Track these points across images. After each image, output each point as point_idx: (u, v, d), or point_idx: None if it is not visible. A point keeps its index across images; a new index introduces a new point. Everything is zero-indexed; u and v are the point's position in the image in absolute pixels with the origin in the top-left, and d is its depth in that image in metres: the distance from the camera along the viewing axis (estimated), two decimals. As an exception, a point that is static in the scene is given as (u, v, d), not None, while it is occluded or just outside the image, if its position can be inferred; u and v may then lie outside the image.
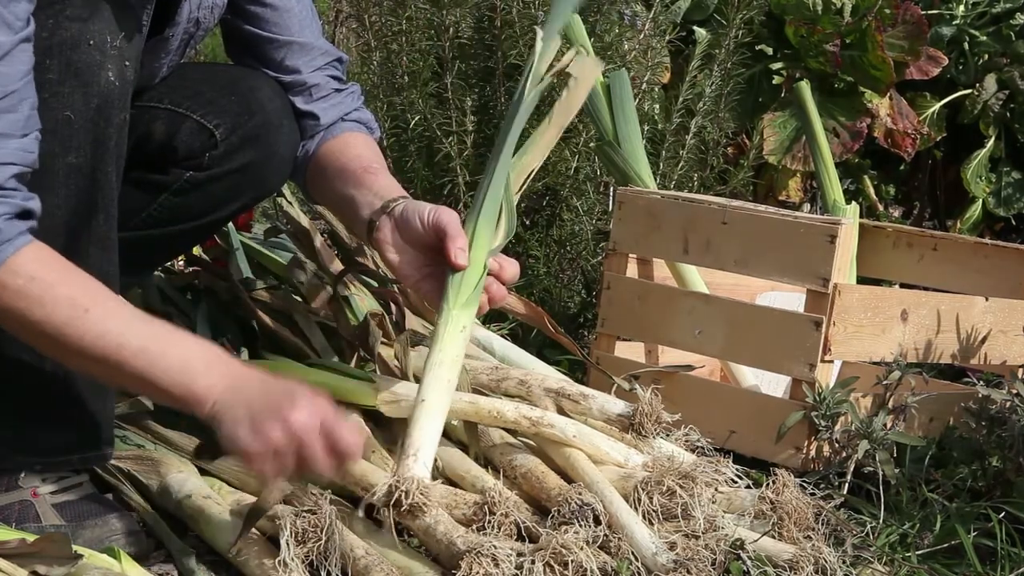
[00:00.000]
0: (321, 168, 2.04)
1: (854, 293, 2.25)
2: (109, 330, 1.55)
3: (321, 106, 2.05)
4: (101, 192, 1.72)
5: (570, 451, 1.89)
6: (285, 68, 2.04)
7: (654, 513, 1.78)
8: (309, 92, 2.05)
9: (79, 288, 1.56)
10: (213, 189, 1.99)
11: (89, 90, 1.67)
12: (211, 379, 1.58)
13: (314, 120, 2.05)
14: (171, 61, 1.96)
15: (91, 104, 1.67)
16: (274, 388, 1.59)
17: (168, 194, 1.98)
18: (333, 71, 2.09)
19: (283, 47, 2.04)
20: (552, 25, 1.93)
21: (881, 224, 2.86)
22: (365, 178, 1.95)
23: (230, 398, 1.57)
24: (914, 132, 3.57)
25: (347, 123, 2.07)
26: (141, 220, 1.98)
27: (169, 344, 1.58)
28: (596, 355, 2.45)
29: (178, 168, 1.96)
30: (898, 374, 2.18)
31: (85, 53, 1.66)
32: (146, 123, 1.94)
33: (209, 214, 2.02)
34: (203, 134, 1.95)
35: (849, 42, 3.39)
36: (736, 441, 2.26)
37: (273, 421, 1.54)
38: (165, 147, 1.95)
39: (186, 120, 1.95)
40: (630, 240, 2.46)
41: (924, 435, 2.25)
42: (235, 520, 1.75)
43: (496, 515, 1.72)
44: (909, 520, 1.96)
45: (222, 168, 1.97)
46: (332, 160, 2.02)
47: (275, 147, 2.00)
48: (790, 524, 1.82)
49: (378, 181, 1.94)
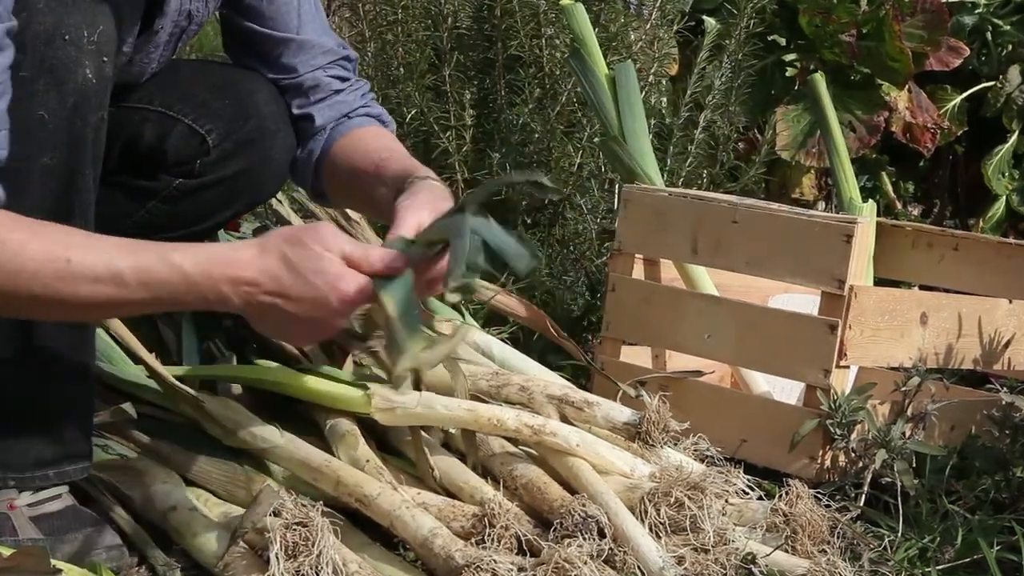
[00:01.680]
0: (334, 171, 2.04)
1: (871, 295, 2.25)
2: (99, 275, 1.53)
3: (317, 108, 2.04)
4: (78, 195, 1.71)
5: (573, 461, 1.88)
6: (282, 67, 2.03)
7: (661, 526, 1.78)
8: (306, 94, 2.04)
9: (51, 238, 1.54)
10: (204, 197, 1.99)
11: (64, 88, 1.65)
12: (224, 298, 1.57)
13: (309, 123, 2.04)
14: (161, 57, 1.96)
15: (67, 103, 1.66)
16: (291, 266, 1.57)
17: (157, 201, 1.97)
18: (337, 70, 2.07)
19: (280, 44, 2.03)
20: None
21: (899, 223, 2.86)
22: (378, 174, 1.94)
23: (248, 311, 1.58)
24: (934, 126, 3.57)
25: (355, 119, 2.06)
26: (128, 227, 1.97)
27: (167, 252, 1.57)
28: (601, 360, 2.45)
29: (168, 174, 1.96)
30: (917, 380, 2.17)
31: (60, 49, 1.64)
32: (135, 125, 1.94)
33: (200, 222, 2.02)
34: (195, 139, 1.95)
35: (866, 32, 3.39)
36: (747, 450, 2.26)
37: (320, 312, 1.57)
38: (154, 151, 1.95)
39: (177, 124, 1.95)
40: (636, 240, 2.46)
41: (945, 444, 2.25)
42: (222, 533, 1.75)
43: (496, 528, 1.72)
44: (929, 533, 1.96)
45: (214, 175, 1.97)
46: (344, 162, 2.02)
47: (270, 153, 2.00)
48: (804, 537, 1.82)
49: (389, 171, 1.93)
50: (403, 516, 1.74)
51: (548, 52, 3.00)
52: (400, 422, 1.93)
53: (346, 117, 2.06)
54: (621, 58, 2.94)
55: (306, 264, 1.56)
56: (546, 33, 2.99)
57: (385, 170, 1.93)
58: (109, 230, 1.91)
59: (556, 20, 2.98)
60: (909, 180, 3.97)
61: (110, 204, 1.95)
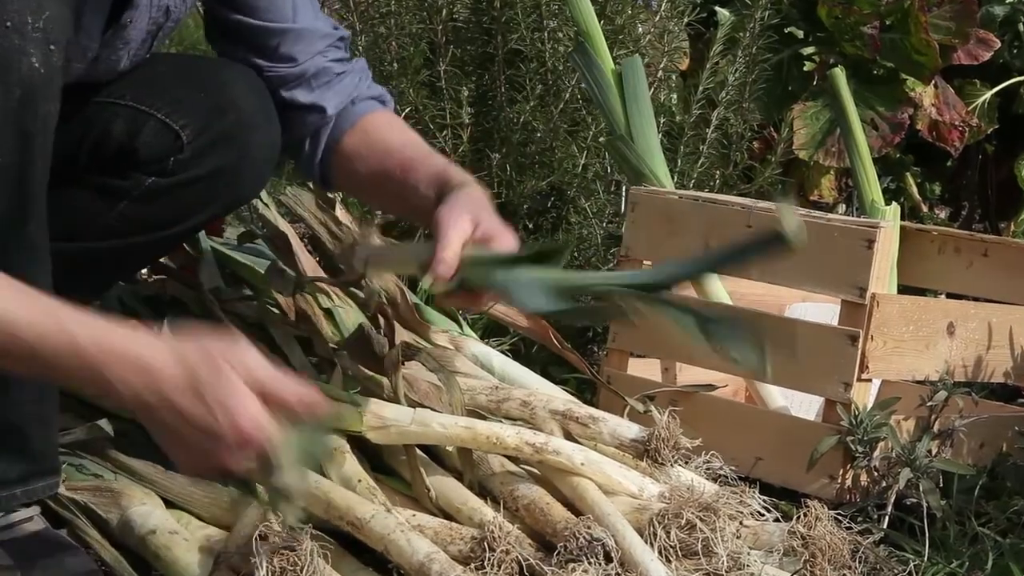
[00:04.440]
0: (350, 169, 2.06)
1: (894, 304, 2.26)
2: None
3: (325, 95, 2.06)
4: (29, 194, 1.69)
5: (578, 480, 1.89)
6: (281, 57, 2.04)
7: (672, 549, 1.79)
8: (309, 83, 2.05)
9: None
10: (179, 197, 1.98)
11: (8, 79, 1.63)
12: (125, 374, 1.51)
13: (319, 113, 2.06)
14: (135, 55, 1.95)
15: (12, 95, 1.63)
16: (196, 386, 1.52)
17: (128, 202, 1.97)
18: (336, 52, 2.09)
19: (276, 35, 2.03)
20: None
21: (925, 227, 2.87)
22: (407, 179, 1.97)
23: (152, 404, 1.52)
24: (962, 124, 3.57)
25: (359, 106, 2.08)
26: (98, 230, 1.97)
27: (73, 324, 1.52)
28: (607, 373, 2.46)
29: (139, 173, 1.96)
30: (944, 394, 2.18)
31: (2, 36, 1.62)
32: (104, 121, 1.93)
33: (175, 224, 2.02)
34: (167, 135, 1.95)
35: (889, 24, 3.40)
36: (763, 469, 2.27)
37: (212, 445, 1.52)
38: (125, 149, 1.94)
39: (149, 119, 1.94)
40: (644, 245, 2.47)
41: (973, 463, 2.26)
42: (205, 558, 1.76)
43: (496, 552, 1.72)
44: (957, 558, 1.97)
45: (189, 173, 1.97)
46: (361, 160, 2.04)
47: (249, 150, 2.00)
48: (823, 562, 1.83)
49: (421, 175, 1.97)
50: (398, 540, 1.74)
51: (551, 46, 3.01)
52: (394, 441, 1.93)
53: (351, 103, 2.08)
54: (628, 52, 2.95)
55: (215, 392, 1.52)
56: (548, 26, 3.00)
57: (415, 172, 1.97)
58: (79, 233, 1.92)
59: (559, 12, 2.99)
60: (935, 181, 3.97)
61: (79, 205, 1.95)
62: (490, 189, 3.03)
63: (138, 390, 1.51)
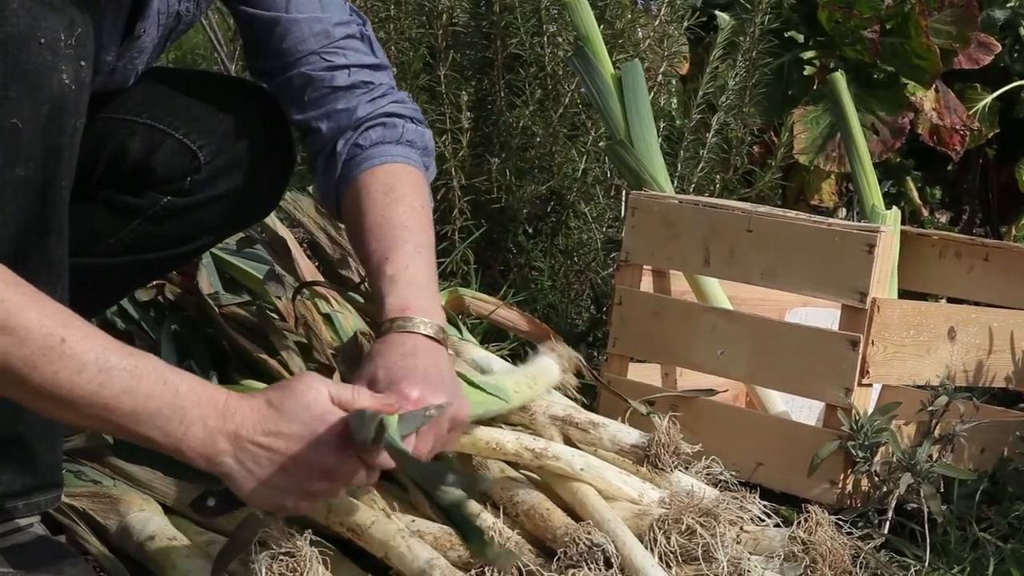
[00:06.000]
0: (348, 221, 1.97)
1: (895, 309, 2.26)
2: (86, 365, 1.51)
3: (315, 114, 1.97)
4: (53, 209, 1.69)
5: (578, 486, 1.89)
6: (272, 55, 1.97)
7: (672, 555, 1.79)
8: (301, 97, 1.97)
9: (49, 311, 1.52)
10: (193, 217, 1.97)
11: (39, 94, 1.63)
12: (211, 435, 1.58)
13: (315, 133, 1.98)
14: (149, 61, 1.94)
15: (41, 110, 1.64)
16: (285, 445, 1.60)
17: (142, 220, 1.96)
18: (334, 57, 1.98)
19: (268, 26, 1.96)
20: None
21: (926, 231, 2.87)
22: (378, 280, 1.87)
23: (237, 458, 1.60)
24: (963, 128, 3.58)
25: (378, 149, 1.96)
26: (108, 246, 1.97)
27: (160, 383, 1.56)
28: (607, 378, 2.46)
29: (155, 191, 1.95)
30: (945, 399, 2.18)
31: (35, 53, 1.63)
32: (121, 138, 1.92)
33: (186, 243, 2.02)
34: (185, 156, 1.93)
35: (890, 28, 3.41)
36: (764, 474, 2.27)
37: (294, 492, 1.61)
38: (142, 167, 1.93)
39: (167, 139, 1.93)
40: (644, 250, 2.47)
41: (974, 468, 2.26)
42: (204, 564, 1.76)
43: (495, 558, 1.72)
44: (958, 563, 1.97)
45: (204, 194, 1.96)
46: (354, 224, 1.94)
47: (263, 172, 1.99)
48: (824, 567, 1.83)
49: (387, 290, 1.85)
50: (398, 546, 1.74)
51: (550, 50, 3.02)
52: (393, 445, 1.93)
53: (362, 128, 1.97)
54: (628, 56, 2.96)
55: (290, 403, 1.60)
56: (548, 30, 3.01)
57: (383, 279, 1.86)
58: (89, 248, 1.91)
59: (559, 16, 3.00)
60: (936, 185, 3.98)
61: (92, 221, 1.94)
62: (490, 194, 3.04)
63: (231, 438, 1.59)
